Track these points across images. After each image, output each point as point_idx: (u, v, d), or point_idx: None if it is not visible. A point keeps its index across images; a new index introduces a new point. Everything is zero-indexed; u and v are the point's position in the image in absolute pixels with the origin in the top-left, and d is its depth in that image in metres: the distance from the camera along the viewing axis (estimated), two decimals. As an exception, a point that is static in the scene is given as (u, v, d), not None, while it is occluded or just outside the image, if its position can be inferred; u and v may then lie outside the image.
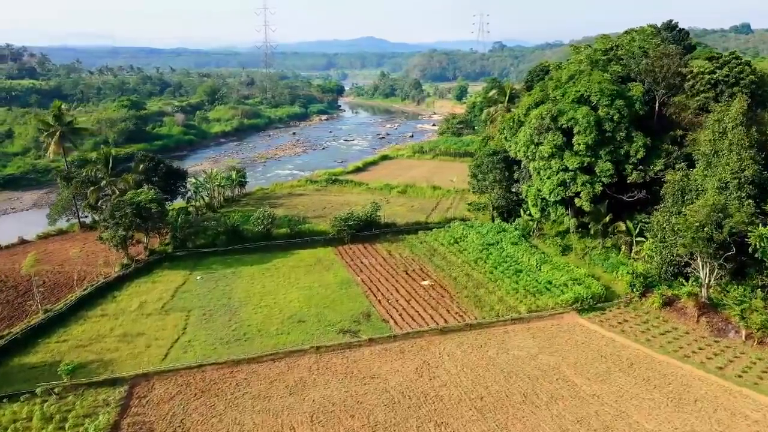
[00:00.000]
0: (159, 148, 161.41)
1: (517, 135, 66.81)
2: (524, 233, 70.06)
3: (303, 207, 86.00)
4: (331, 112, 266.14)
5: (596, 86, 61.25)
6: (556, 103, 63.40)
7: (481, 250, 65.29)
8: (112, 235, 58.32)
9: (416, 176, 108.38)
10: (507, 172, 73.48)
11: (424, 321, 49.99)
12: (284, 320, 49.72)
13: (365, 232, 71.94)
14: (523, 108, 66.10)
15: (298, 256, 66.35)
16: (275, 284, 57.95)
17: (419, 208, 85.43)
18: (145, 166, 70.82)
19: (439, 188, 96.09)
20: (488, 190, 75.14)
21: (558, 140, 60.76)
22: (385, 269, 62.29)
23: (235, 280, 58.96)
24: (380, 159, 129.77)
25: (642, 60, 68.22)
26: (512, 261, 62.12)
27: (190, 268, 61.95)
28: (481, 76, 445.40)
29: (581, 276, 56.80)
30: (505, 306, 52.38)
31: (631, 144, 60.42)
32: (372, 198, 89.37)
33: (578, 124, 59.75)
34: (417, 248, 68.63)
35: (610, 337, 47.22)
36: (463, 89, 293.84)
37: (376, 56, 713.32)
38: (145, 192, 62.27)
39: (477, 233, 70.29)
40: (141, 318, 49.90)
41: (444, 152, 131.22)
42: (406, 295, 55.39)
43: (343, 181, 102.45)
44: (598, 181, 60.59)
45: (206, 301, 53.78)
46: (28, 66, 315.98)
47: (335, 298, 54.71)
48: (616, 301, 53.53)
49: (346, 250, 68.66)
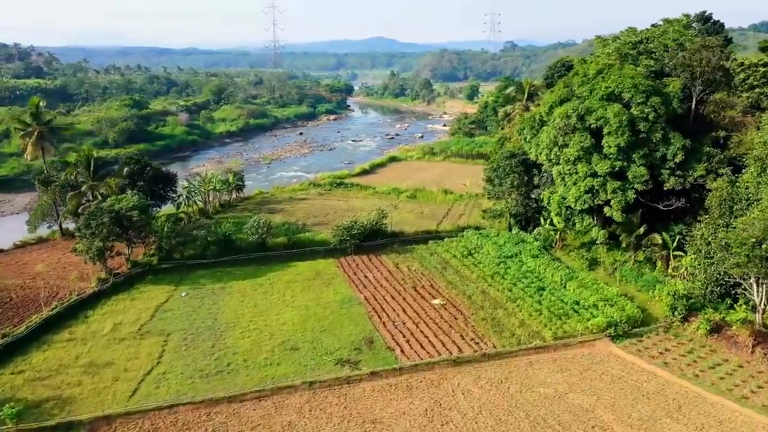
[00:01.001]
0: (161, 148, 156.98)
1: (538, 136, 60.30)
2: (545, 244, 63.51)
3: (304, 213, 79.87)
4: (339, 112, 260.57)
5: (629, 81, 54.62)
6: (583, 100, 56.82)
7: (498, 264, 58.85)
8: (87, 247, 52.49)
9: (426, 179, 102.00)
10: (526, 177, 66.88)
11: (435, 349, 43.62)
12: (275, 347, 43.54)
13: (370, 242, 65.75)
14: (545, 106, 59.55)
15: (296, 268, 60.23)
16: (268, 302, 51.85)
17: (429, 215, 79.06)
18: (130, 169, 64.91)
19: (451, 193, 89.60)
20: (505, 195, 68.60)
21: (586, 142, 54.21)
22: (391, 285, 56.03)
23: (224, 297, 52.92)
24: (388, 161, 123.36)
25: (677, 53, 61.53)
26: (533, 277, 55.61)
27: (175, 283, 55.99)
28: (492, 76, 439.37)
29: (613, 296, 50.19)
30: (527, 331, 45.92)
31: (668, 146, 53.73)
32: (379, 203, 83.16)
33: (609, 124, 53.15)
34: (427, 260, 62.31)
35: (651, 371, 40.60)
36: (475, 89, 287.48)
37: (386, 56, 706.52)
38: (126, 198, 56.42)
39: (493, 244, 63.83)
40: (113, 343, 43.92)
41: (456, 154, 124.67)
42: (415, 317, 49.07)
43: (348, 184, 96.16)
44: (630, 187, 53.94)
45: (189, 322, 47.74)
46: (35, 65, 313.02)
47: (334, 319, 48.51)
48: (655, 326, 46.85)
49: (348, 262, 62.44)
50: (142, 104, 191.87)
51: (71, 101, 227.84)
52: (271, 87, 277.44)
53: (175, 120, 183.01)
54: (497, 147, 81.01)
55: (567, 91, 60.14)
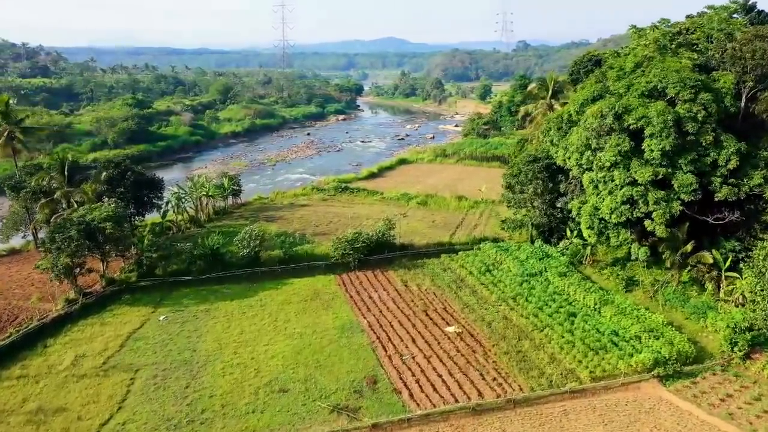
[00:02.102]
0: (162, 149, 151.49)
1: (567, 138, 53.12)
2: (573, 260, 56.36)
3: (305, 221, 73.14)
4: (348, 112, 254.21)
5: (674, 76, 47.31)
6: (620, 97, 49.62)
7: (521, 283, 51.78)
8: (52, 264, 46.06)
9: (438, 184, 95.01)
10: (550, 183, 59.78)
11: (450, 392, 36.67)
12: (260, 389, 36.75)
13: (376, 255, 58.92)
14: (575, 104, 52.33)
15: (292, 287, 53.47)
16: (257, 329, 45.12)
17: (442, 224, 72.04)
18: (108, 174, 58.53)
19: (465, 199, 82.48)
20: (527, 204, 61.44)
21: (624, 145, 46.94)
22: (398, 308, 49.11)
23: (207, 322, 46.26)
24: (398, 163, 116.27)
25: (724, 44, 54.14)
26: (562, 299, 48.48)
27: (154, 304, 49.43)
28: (505, 76, 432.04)
29: (658, 325, 42.95)
30: (559, 369, 38.80)
31: (720, 150, 46.33)
32: (386, 210, 76.40)
33: (651, 125, 45.86)
34: (440, 277, 55.34)
35: (714, 425, 33.40)
36: (487, 88, 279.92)
37: (397, 56, 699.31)
38: (100, 207, 50.01)
39: (514, 259, 56.77)
40: (70, 381, 37.38)
41: (469, 156, 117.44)
42: (426, 349, 42.11)
43: (353, 189, 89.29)
44: (676, 198, 46.63)
45: (163, 354, 41.11)
46: (41, 64, 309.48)
47: (332, 351, 41.67)
48: (710, 364, 39.54)
49: (351, 279, 55.61)
50: (145, 103, 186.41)
51: (77, 101, 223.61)
52: (279, 86, 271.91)
53: (179, 120, 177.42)
54: (517, 150, 74.04)
55: (600, 87, 52.94)
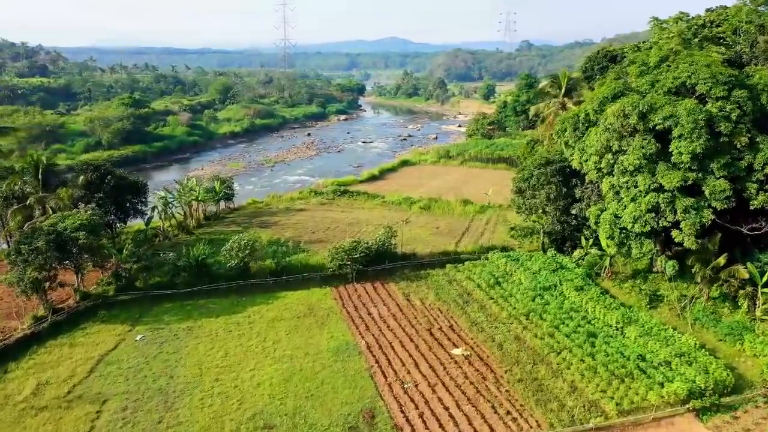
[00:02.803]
0: (159, 150, 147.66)
1: (584, 139, 48.64)
2: (590, 272, 51.90)
3: (301, 227, 68.77)
4: (350, 112, 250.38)
5: (705, 71, 42.81)
6: (643, 95, 45.19)
7: (534, 298, 47.33)
8: (18, 278, 41.80)
9: (442, 187, 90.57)
10: (564, 188, 55.40)
11: (458, 429, 32.27)
12: (242, 424, 32.34)
13: (376, 266, 54.57)
14: (594, 102, 47.77)
15: (284, 301, 49.10)
16: (243, 351, 40.76)
17: (446, 231, 67.62)
18: (86, 178, 54.30)
19: (471, 203, 77.99)
20: (538, 211, 57.01)
21: (649, 147, 42.46)
22: (400, 326, 44.71)
23: (189, 342, 41.91)
24: (400, 165, 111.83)
25: (755, 36, 49.74)
26: (580, 317, 44.02)
27: (132, 321, 45.12)
28: (508, 76, 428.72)
29: (689, 348, 38.48)
30: (581, 400, 34.33)
31: (756, 153, 41.86)
32: (387, 215, 72.09)
33: (680, 125, 41.39)
34: (445, 290, 50.92)
35: (763, 471, 29.03)
36: (491, 88, 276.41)
37: (400, 56, 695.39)
38: (74, 215, 45.76)
39: (525, 270, 52.32)
40: (27, 415, 33.09)
41: (474, 157, 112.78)
42: (431, 375, 37.72)
43: (353, 193, 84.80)
44: (707, 206, 42.18)
45: (136, 381, 36.76)
46: (40, 64, 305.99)
47: (326, 378, 37.28)
48: (752, 394, 35.07)
49: (349, 292, 51.23)
50: (142, 103, 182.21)
51: (75, 100, 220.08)
52: (280, 86, 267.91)
53: (176, 120, 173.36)
54: (526, 151, 69.60)
55: (620, 83, 48.46)
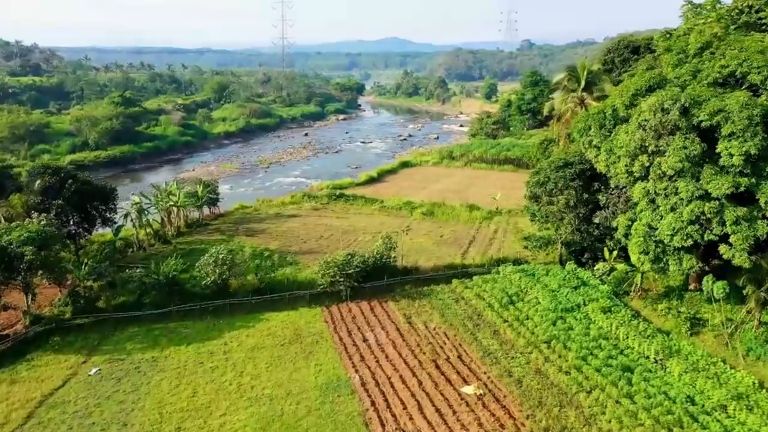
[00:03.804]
0: (149, 150, 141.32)
1: (612, 138, 42.33)
2: (617, 290, 45.60)
3: (291, 236, 62.47)
4: (349, 112, 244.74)
5: (758, 58, 36.61)
6: (683, 87, 38.94)
7: (555, 321, 41.01)
8: (-50, 301, 35.66)
9: (445, 190, 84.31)
10: (585, 193, 49.15)
11: (473, 498, 26.01)
12: (203, 493, 26.16)
13: (373, 282, 48.26)
14: (624, 96, 41.40)
15: (267, 324, 42.73)
16: (215, 388, 34.42)
17: (452, 239, 61.33)
18: (44, 183, 48.07)
19: (478, 208, 71.62)
20: (556, 219, 50.72)
21: (693, 147, 36.15)
22: (401, 355, 38.37)
23: (152, 377, 35.57)
24: (400, 166, 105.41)
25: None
26: (610, 346, 37.69)
27: (88, 349, 38.77)
28: (509, 76, 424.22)
29: (747, 388, 32.16)
30: (622, 458, 28.09)
31: (818, 155, 35.67)
32: (386, 222, 65.88)
33: (731, 121, 35.10)
34: (451, 311, 44.58)
35: None
36: (493, 87, 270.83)
37: (400, 56, 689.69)
38: (22, 226, 39.55)
39: (543, 288, 46.00)
40: (-61, 480, 26.98)
41: (479, 158, 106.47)
42: (437, 422, 31.33)
43: (349, 197, 78.36)
44: (761, 216, 35.94)
45: (82, 430, 30.47)
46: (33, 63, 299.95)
47: (311, 426, 30.88)
48: (829, 449, 28.86)
49: (342, 313, 44.88)
50: (133, 102, 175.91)
51: (67, 100, 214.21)
52: (278, 85, 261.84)
53: (168, 119, 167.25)
54: (539, 152, 63.39)
55: (655, 74, 42.15)
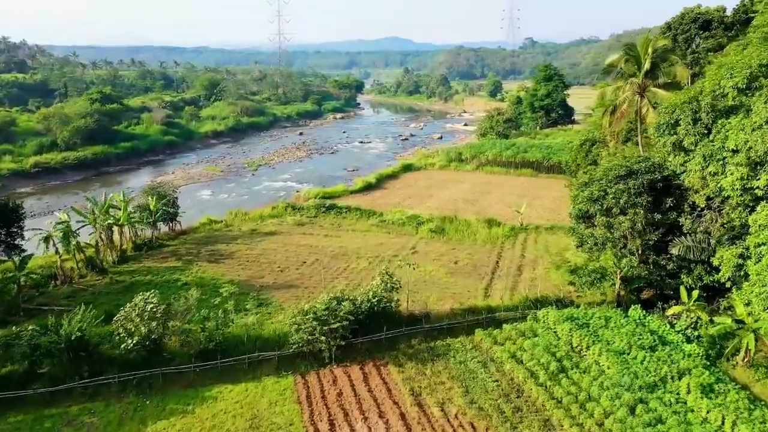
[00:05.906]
0: (125, 151, 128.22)
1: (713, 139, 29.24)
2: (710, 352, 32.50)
3: (265, 261, 49.16)
4: (348, 110, 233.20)
5: None
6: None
7: (634, 407, 27.82)
8: None
9: (456, 199, 71.18)
10: (658, 213, 36.05)
11: None
12: None
13: (369, 335, 35.05)
14: (738, 75, 28.34)
15: (213, 407, 29.41)
16: None
17: (470, 267, 48.07)
18: None
19: (498, 224, 58.24)
20: (615, 246, 37.58)
21: None
22: (407, 467, 25.28)
23: None
24: (402, 170, 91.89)
25: None
26: (730, 456, 24.66)
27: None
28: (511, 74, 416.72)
29: None
30: None
31: None
32: (386, 242, 52.81)
33: None
34: (478, 384, 31.18)
35: None
36: (498, 84, 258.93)
37: (400, 55, 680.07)
38: None
39: (605, 347, 32.79)
40: None
41: (492, 161, 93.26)
42: None
43: (342, 208, 64.64)
44: None
45: None
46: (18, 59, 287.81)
47: None
48: None
49: (324, 384, 31.53)
50: (113, 99, 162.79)
51: (51, 97, 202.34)
52: (273, 83, 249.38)
53: (150, 118, 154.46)
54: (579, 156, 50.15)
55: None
